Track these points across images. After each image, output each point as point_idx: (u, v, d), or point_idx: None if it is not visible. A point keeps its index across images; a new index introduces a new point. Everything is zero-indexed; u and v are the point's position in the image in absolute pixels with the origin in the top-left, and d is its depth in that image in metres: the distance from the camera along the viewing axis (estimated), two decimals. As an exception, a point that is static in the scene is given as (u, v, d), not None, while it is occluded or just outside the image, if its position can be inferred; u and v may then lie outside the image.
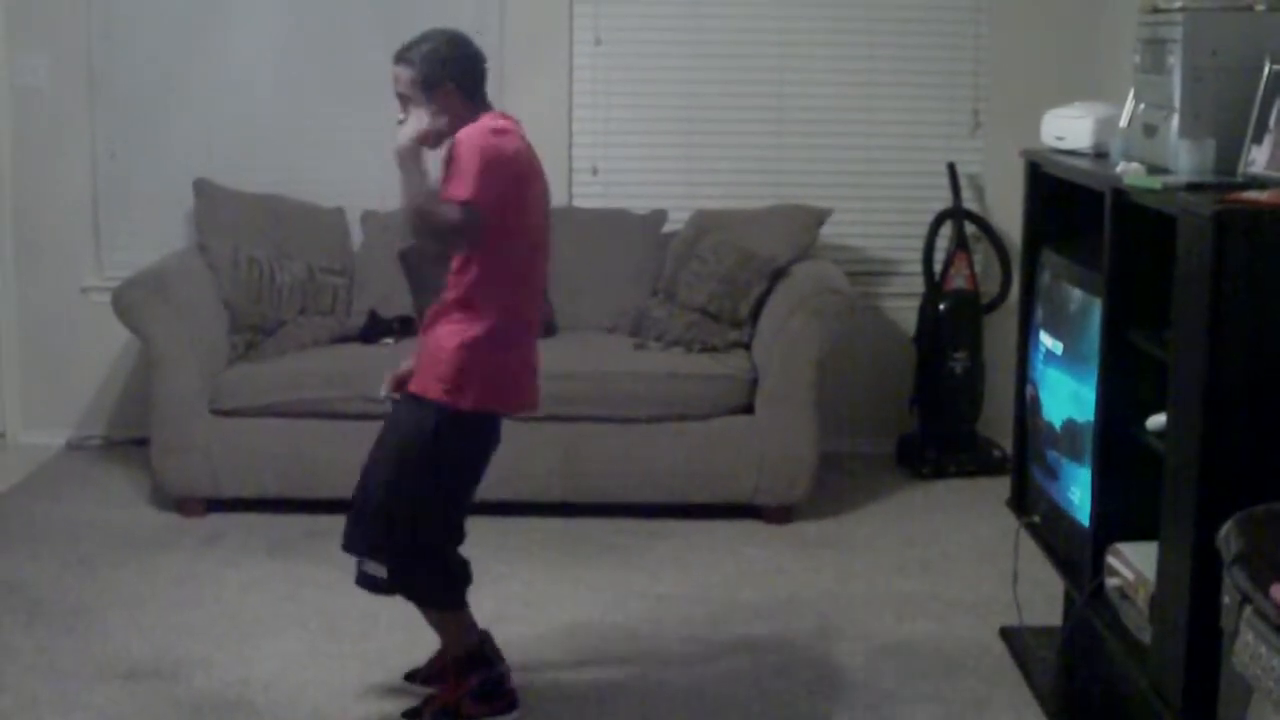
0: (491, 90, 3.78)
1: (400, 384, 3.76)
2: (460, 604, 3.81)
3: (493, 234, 3.55)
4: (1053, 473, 3.96)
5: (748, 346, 5.48)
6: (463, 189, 3.49)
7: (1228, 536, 2.62)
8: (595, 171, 6.15)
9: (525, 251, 3.68)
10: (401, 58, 3.64)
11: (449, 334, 3.62)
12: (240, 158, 6.00)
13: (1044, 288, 4.07)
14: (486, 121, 3.62)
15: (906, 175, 6.14)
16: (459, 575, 3.81)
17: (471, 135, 3.55)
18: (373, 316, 5.63)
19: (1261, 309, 2.86)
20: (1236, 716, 2.55)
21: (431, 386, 3.62)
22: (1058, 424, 3.91)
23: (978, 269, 5.99)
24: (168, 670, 4.10)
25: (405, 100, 3.62)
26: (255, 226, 5.73)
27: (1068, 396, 3.81)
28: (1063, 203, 4.04)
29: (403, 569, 3.68)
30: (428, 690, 3.90)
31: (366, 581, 3.71)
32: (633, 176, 6.15)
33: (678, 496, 5.32)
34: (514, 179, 3.59)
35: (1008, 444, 4.63)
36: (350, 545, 3.75)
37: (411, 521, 3.66)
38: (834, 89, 6.12)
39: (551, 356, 5.29)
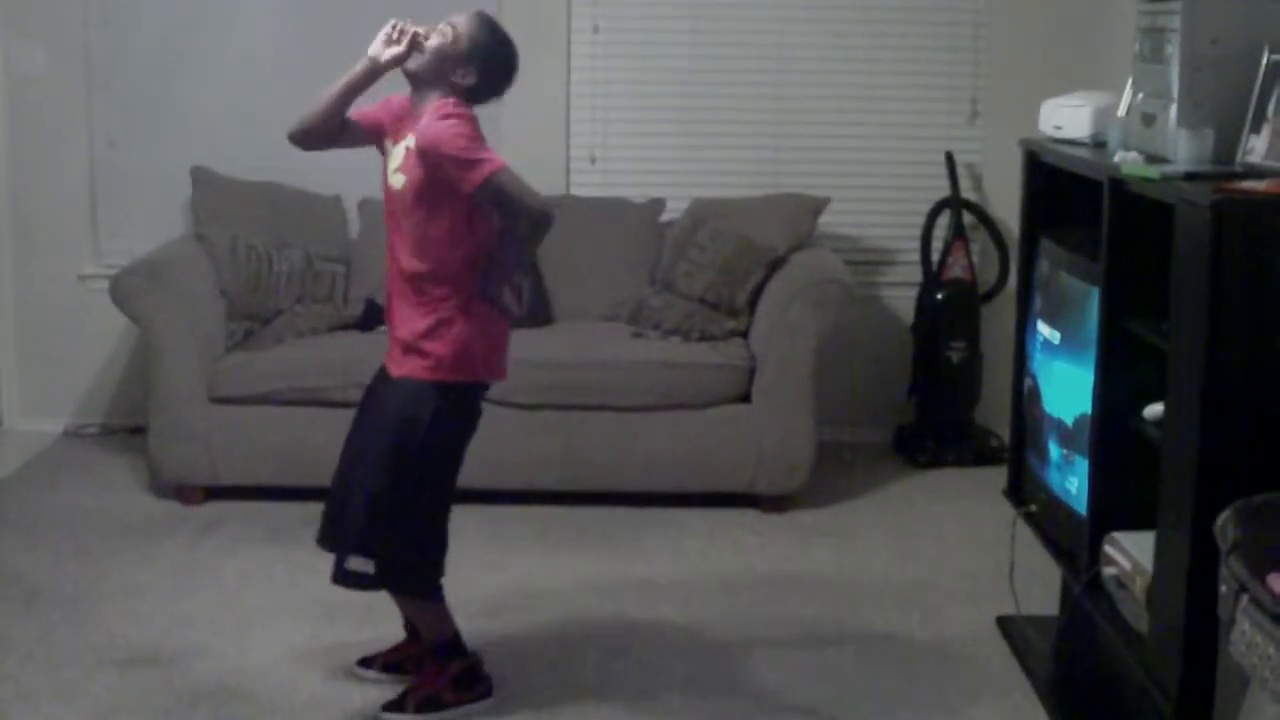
0: (489, 79, 3.76)
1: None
2: (440, 593, 3.81)
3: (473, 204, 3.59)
4: (1051, 462, 3.96)
5: (745, 335, 5.48)
6: (488, 159, 3.53)
7: (1225, 526, 2.63)
8: (593, 160, 6.14)
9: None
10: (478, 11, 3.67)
11: (426, 315, 3.64)
12: (238, 146, 5.98)
13: (1042, 277, 4.07)
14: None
15: (904, 164, 6.13)
16: (442, 561, 3.80)
17: (446, 118, 3.57)
18: (370, 305, 5.63)
19: (1259, 298, 2.86)
20: (1233, 705, 2.56)
21: (420, 368, 3.64)
22: (1056, 413, 3.91)
23: (975, 258, 5.99)
24: (166, 658, 4.10)
25: (433, 28, 3.61)
26: (253, 214, 5.73)
27: (1066, 386, 3.81)
28: (1061, 192, 4.04)
29: (392, 562, 3.68)
30: (401, 678, 3.90)
31: (349, 579, 3.69)
32: (631, 165, 6.14)
33: (675, 485, 5.32)
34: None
35: (1005, 433, 4.63)
36: (332, 543, 3.74)
37: (407, 512, 3.66)
38: (832, 78, 6.11)
39: (549, 345, 5.33)
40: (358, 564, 3.66)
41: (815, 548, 5.03)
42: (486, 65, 3.64)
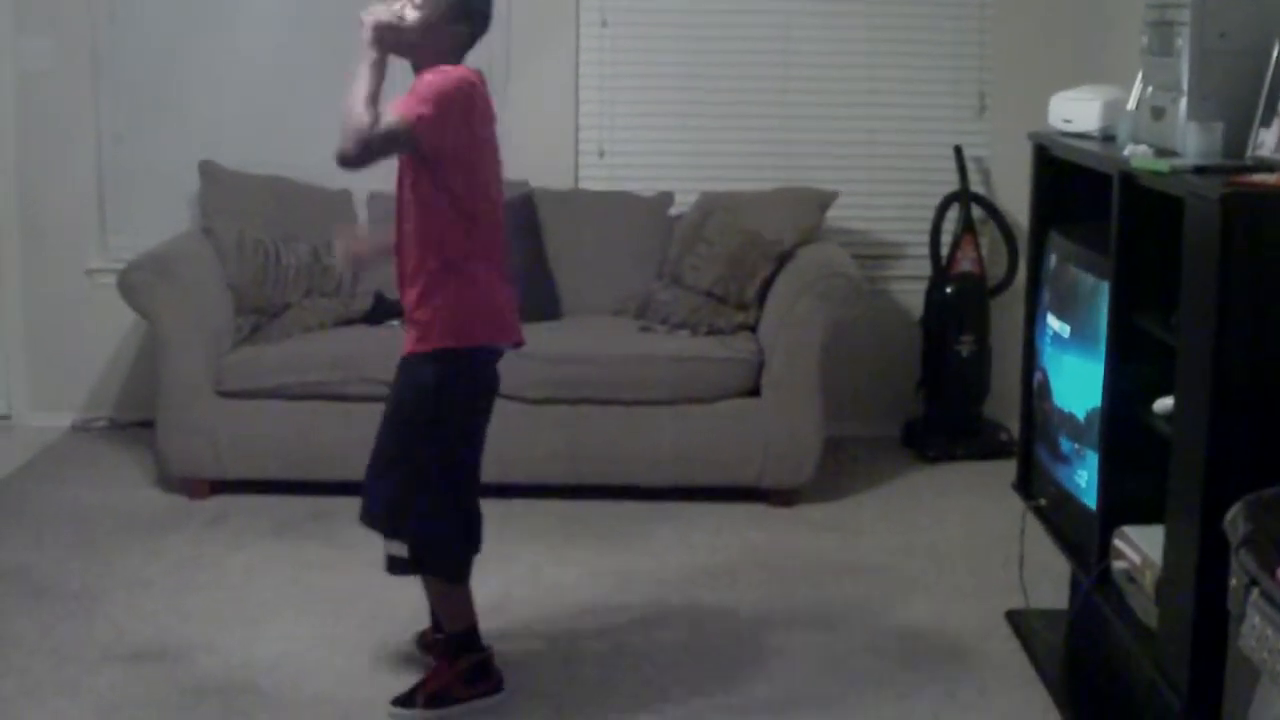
0: (497, 74, 3.77)
1: (358, 258, 3.93)
2: (467, 578, 3.81)
3: (454, 170, 3.54)
4: (1060, 456, 3.95)
5: (754, 329, 5.47)
6: (405, 108, 3.46)
7: (1235, 520, 2.62)
8: (601, 154, 6.13)
9: (491, 198, 3.66)
10: None
11: (415, 282, 3.63)
12: (246, 140, 5.99)
13: (1051, 271, 4.06)
14: (453, 70, 3.59)
15: (913, 158, 6.12)
16: (475, 540, 3.80)
17: (434, 75, 3.53)
18: (378, 298, 5.62)
19: (1269, 292, 2.85)
20: (1243, 699, 2.55)
21: (418, 341, 3.64)
22: (1066, 407, 3.90)
23: (984, 252, 5.98)
24: (172, 653, 4.10)
25: (406, 4, 3.57)
26: (260, 209, 5.73)
27: (1076, 379, 3.80)
28: (1070, 186, 4.03)
29: (422, 541, 3.68)
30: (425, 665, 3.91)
31: (392, 565, 3.73)
32: (639, 159, 6.13)
33: (683, 479, 5.31)
34: (465, 112, 3.54)
35: (1014, 427, 4.62)
36: (369, 520, 3.76)
37: (425, 488, 3.66)
38: (840, 71, 6.10)
39: (557, 340, 5.33)
40: (394, 548, 3.69)
41: (823, 542, 5.02)
42: (468, 9, 3.59)
